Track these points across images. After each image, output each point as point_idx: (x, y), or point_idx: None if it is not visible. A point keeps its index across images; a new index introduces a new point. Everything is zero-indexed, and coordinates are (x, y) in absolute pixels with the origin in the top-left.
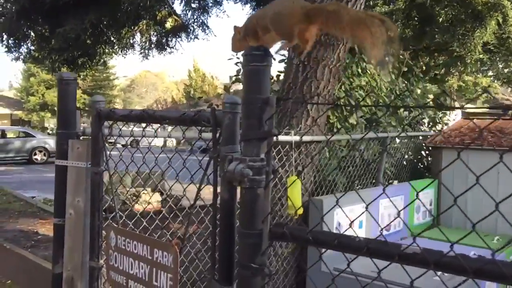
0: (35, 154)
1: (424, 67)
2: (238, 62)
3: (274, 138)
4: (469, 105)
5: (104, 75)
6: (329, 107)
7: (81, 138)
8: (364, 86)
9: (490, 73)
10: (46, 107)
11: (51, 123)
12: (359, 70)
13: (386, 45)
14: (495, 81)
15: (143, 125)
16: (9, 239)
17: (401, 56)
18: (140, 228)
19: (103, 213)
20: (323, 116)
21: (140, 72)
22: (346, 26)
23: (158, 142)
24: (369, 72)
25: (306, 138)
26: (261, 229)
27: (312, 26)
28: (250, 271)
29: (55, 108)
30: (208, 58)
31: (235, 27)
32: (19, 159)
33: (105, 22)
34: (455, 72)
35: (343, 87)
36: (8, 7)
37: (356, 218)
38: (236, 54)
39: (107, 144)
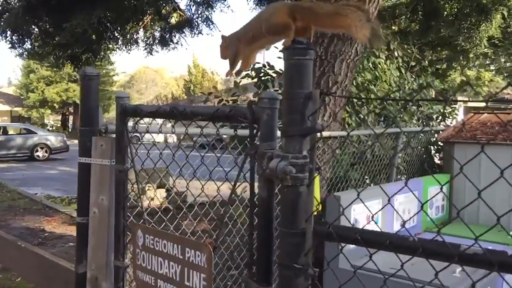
0: (36, 151)
1: (426, 62)
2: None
3: (318, 134)
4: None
5: (104, 71)
6: (344, 103)
7: (103, 135)
8: (373, 81)
9: (492, 67)
10: (46, 104)
11: (51, 119)
12: (370, 65)
13: (368, 24)
14: (497, 75)
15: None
16: (16, 236)
17: (409, 51)
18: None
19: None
20: (341, 111)
21: (139, 68)
22: (324, 20)
23: (158, 138)
24: (380, 67)
25: (324, 133)
26: (303, 228)
27: (297, 23)
28: (292, 271)
29: (55, 105)
30: (207, 53)
31: (223, 36)
32: (21, 156)
33: (109, 18)
34: (457, 66)
35: (354, 81)
36: (13, 3)
37: (377, 212)
38: None
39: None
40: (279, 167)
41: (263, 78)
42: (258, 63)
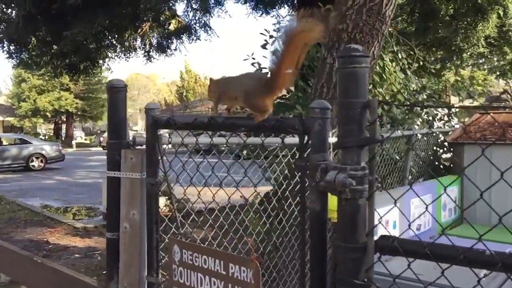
0: (32, 161)
1: (426, 63)
2: (254, 63)
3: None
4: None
5: (96, 78)
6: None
7: (131, 147)
8: (380, 83)
9: (485, 66)
10: (38, 113)
11: (43, 128)
12: (377, 67)
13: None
14: (490, 74)
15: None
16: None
17: (411, 52)
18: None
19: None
20: None
21: (131, 75)
22: (291, 46)
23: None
24: (387, 69)
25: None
26: (364, 242)
27: (276, 91)
28: (352, 287)
29: (48, 114)
30: (200, 58)
31: (211, 79)
32: (16, 166)
33: (108, 26)
34: (451, 66)
35: None
36: (13, 13)
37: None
38: (252, 55)
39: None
40: (338, 179)
41: None
42: (264, 68)
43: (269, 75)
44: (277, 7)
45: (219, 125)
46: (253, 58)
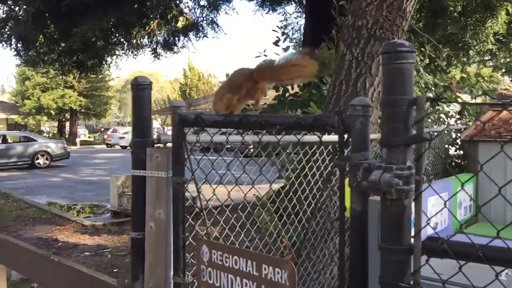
0: (37, 159)
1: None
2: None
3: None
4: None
5: (100, 76)
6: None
7: (155, 146)
8: None
9: (490, 63)
10: (42, 111)
11: (46, 126)
12: None
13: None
14: (496, 71)
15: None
16: None
17: (422, 49)
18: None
19: None
20: (377, 113)
21: (134, 73)
22: (280, 73)
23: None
24: None
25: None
26: (409, 244)
27: (259, 83)
28: None
29: (51, 112)
30: (203, 56)
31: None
32: (21, 164)
33: (116, 23)
34: (457, 63)
35: None
36: (21, 11)
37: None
38: (264, 51)
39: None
40: (383, 179)
41: None
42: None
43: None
44: (283, 4)
45: (251, 124)
46: (265, 55)
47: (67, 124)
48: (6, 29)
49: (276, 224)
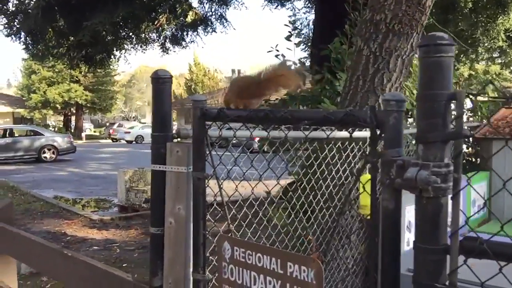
0: (44, 153)
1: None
2: (278, 55)
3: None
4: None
5: (106, 71)
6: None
7: (174, 140)
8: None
9: (499, 60)
10: (48, 105)
11: (52, 120)
12: None
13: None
14: (504, 68)
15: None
16: None
17: None
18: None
19: None
20: None
21: (139, 67)
22: (267, 85)
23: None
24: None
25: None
26: (445, 243)
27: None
28: None
29: (57, 106)
30: (209, 51)
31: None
32: (28, 157)
33: (126, 17)
34: (466, 60)
35: None
36: (30, 4)
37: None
38: (276, 46)
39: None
40: (420, 176)
41: None
42: (288, 60)
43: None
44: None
45: (277, 119)
46: (277, 50)
47: (73, 118)
48: (15, 22)
49: (293, 221)
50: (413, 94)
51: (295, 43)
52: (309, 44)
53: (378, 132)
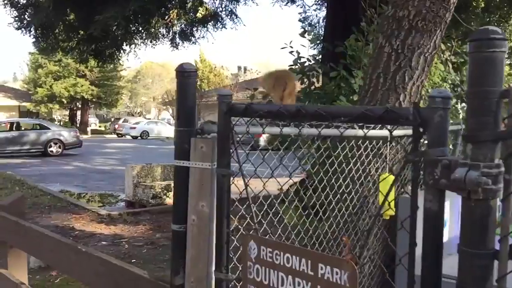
0: (50, 147)
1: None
2: (292, 51)
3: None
4: None
5: (112, 66)
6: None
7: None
8: None
9: (508, 61)
10: (54, 99)
11: (57, 114)
12: None
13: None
14: None
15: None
16: None
17: (448, 44)
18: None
19: None
20: None
21: (145, 63)
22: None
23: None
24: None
25: (399, 132)
26: (493, 248)
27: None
28: None
29: (63, 100)
30: (213, 47)
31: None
32: (34, 151)
33: (136, 11)
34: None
35: None
36: None
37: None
38: (290, 43)
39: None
40: (470, 177)
41: (308, 72)
42: (302, 57)
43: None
44: None
45: (311, 115)
46: (291, 47)
47: (78, 113)
48: (26, 16)
49: (312, 220)
50: (428, 92)
51: (309, 40)
52: (318, 41)
53: (421, 130)
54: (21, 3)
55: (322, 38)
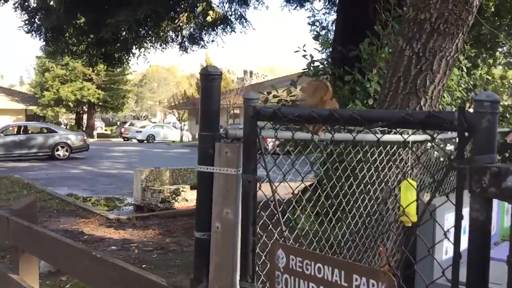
0: (57, 150)
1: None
2: (305, 55)
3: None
4: None
5: (118, 69)
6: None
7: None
8: None
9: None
10: (60, 102)
11: (64, 118)
12: None
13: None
14: None
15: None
16: None
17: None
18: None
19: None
20: None
21: (151, 67)
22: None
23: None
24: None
25: (419, 137)
26: None
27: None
28: None
29: (70, 103)
30: (218, 51)
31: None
32: (42, 155)
33: (148, 14)
34: (483, 65)
35: None
36: (52, 1)
37: None
38: (303, 46)
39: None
40: None
41: (322, 77)
42: (316, 60)
43: None
44: (310, 0)
45: (345, 119)
46: (304, 51)
47: (85, 116)
48: (36, 19)
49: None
50: (444, 97)
51: (321, 43)
52: (329, 45)
53: (467, 135)
54: (32, 7)
55: (332, 41)
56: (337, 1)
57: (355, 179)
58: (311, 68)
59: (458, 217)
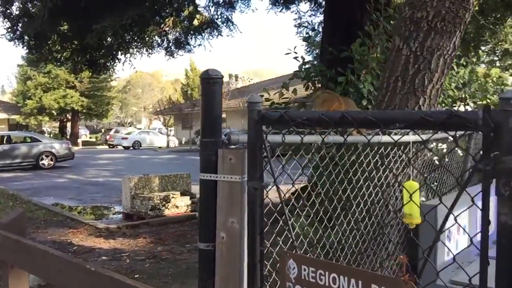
0: (42, 159)
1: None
2: (296, 57)
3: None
4: None
5: (102, 76)
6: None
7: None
8: None
9: (498, 64)
10: (43, 111)
11: (47, 126)
12: None
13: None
14: (504, 71)
15: None
16: None
17: None
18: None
19: None
20: None
21: (135, 73)
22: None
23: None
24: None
25: (415, 137)
26: None
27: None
28: None
29: (53, 112)
30: (206, 55)
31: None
32: (26, 164)
33: (134, 20)
34: (466, 63)
35: None
36: (35, 7)
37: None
38: (294, 49)
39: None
40: None
41: (314, 78)
42: (307, 62)
43: None
44: (297, 2)
45: (358, 121)
46: (295, 53)
47: (68, 124)
48: (19, 26)
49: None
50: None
51: (313, 45)
52: (313, 47)
53: (492, 135)
54: (14, 14)
55: (320, 43)
56: (323, 2)
57: (364, 181)
58: (303, 70)
59: (485, 221)
